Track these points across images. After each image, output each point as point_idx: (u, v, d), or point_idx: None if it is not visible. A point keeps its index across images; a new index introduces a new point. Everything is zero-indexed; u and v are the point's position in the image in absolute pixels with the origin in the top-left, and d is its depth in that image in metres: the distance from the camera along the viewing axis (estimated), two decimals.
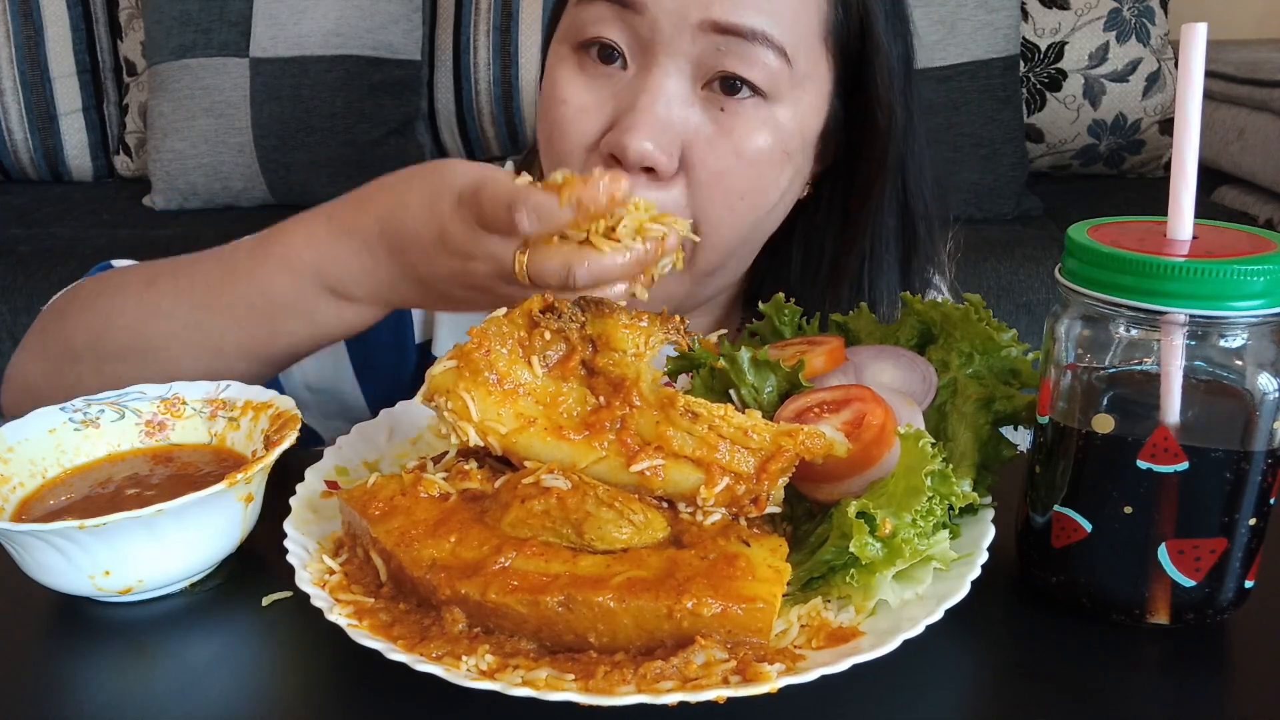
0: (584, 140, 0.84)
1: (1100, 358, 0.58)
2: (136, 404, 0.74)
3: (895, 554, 0.56)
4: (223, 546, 0.66)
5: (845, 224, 0.96)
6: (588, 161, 0.84)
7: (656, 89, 0.81)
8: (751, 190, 0.85)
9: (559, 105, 0.85)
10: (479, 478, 0.63)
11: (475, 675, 0.51)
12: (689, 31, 0.80)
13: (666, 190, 0.82)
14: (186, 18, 2.43)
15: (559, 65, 0.86)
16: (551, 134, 0.86)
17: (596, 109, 0.83)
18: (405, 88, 2.47)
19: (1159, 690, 0.57)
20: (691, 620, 0.52)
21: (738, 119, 0.82)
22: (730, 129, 0.82)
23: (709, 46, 0.80)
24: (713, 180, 0.83)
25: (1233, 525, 0.57)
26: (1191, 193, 0.56)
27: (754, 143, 0.83)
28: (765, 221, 0.90)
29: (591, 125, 0.83)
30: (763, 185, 0.86)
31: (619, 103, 0.83)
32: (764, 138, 0.83)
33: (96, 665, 0.59)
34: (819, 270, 0.97)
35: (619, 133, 0.80)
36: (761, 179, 0.85)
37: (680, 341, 0.65)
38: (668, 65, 0.81)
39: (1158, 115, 2.46)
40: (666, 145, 0.80)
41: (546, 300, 0.64)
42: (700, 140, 0.82)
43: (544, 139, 0.88)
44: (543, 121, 0.88)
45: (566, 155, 0.84)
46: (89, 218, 2.44)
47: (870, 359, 0.72)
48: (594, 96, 0.84)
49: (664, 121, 0.80)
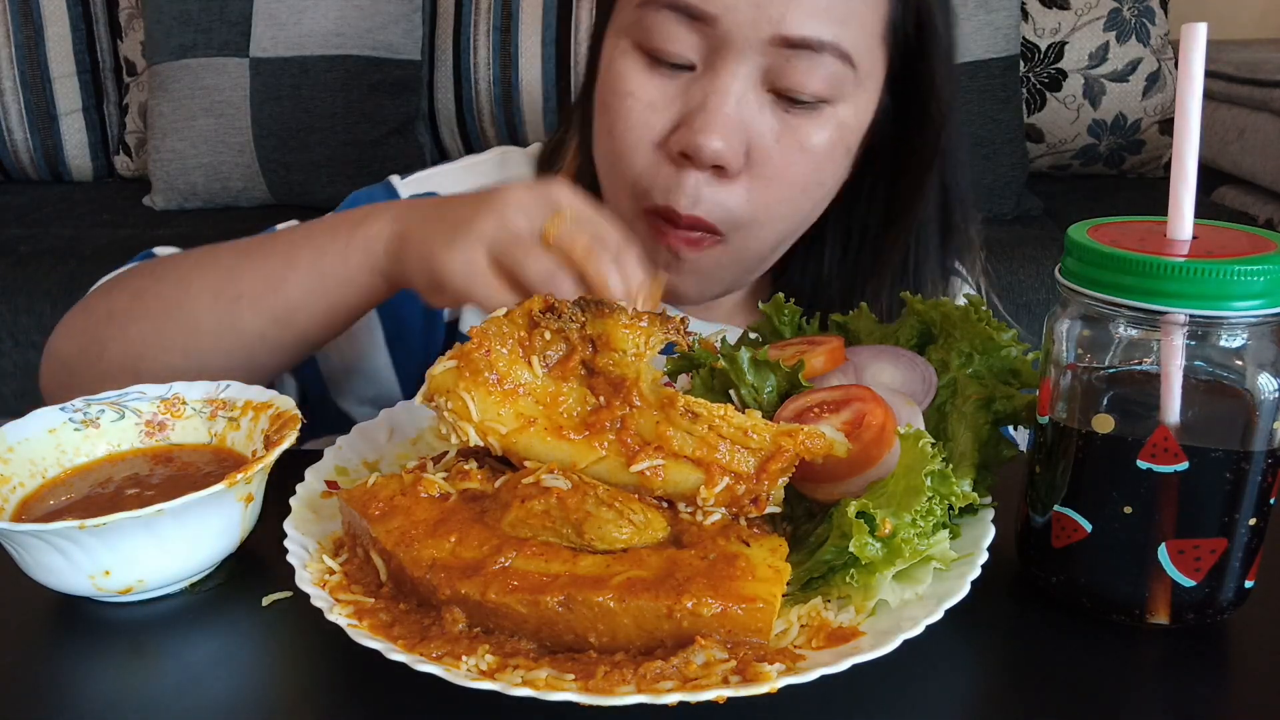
0: (651, 135, 0.85)
1: (1100, 358, 0.58)
2: (136, 404, 0.74)
3: (895, 554, 0.56)
4: (223, 546, 0.66)
5: (889, 211, 0.98)
6: (654, 158, 0.85)
7: (726, 90, 0.82)
8: (812, 184, 0.88)
9: (625, 98, 0.86)
10: (479, 478, 0.63)
11: (475, 675, 0.51)
12: (760, 44, 0.82)
13: (730, 186, 0.84)
14: (186, 18, 2.43)
15: (622, 58, 0.87)
16: (615, 126, 0.87)
17: (665, 106, 0.85)
18: (405, 88, 2.47)
19: (1159, 690, 0.57)
20: (691, 620, 0.52)
21: (803, 120, 0.85)
22: (795, 128, 0.85)
23: (779, 57, 0.82)
24: (776, 176, 0.85)
25: (1233, 525, 0.57)
26: (1191, 193, 0.56)
27: (817, 141, 0.85)
28: (816, 210, 0.92)
29: (660, 121, 0.85)
30: (822, 179, 0.89)
31: (688, 101, 0.84)
32: (827, 136, 0.86)
33: (96, 665, 0.59)
34: (859, 256, 0.99)
35: (692, 132, 0.82)
36: (822, 173, 0.88)
37: (680, 341, 0.65)
38: (736, 69, 0.82)
39: (1158, 115, 2.46)
40: (735, 145, 0.82)
41: (547, 300, 0.64)
42: (767, 139, 0.84)
43: (604, 130, 0.89)
44: (605, 114, 0.89)
45: (631, 149, 0.86)
46: (89, 218, 2.44)
47: (870, 359, 0.72)
48: (661, 93, 0.85)
49: (735, 122, 0.82)
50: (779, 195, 0.86)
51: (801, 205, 0.89)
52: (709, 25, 0.82)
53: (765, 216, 0.87)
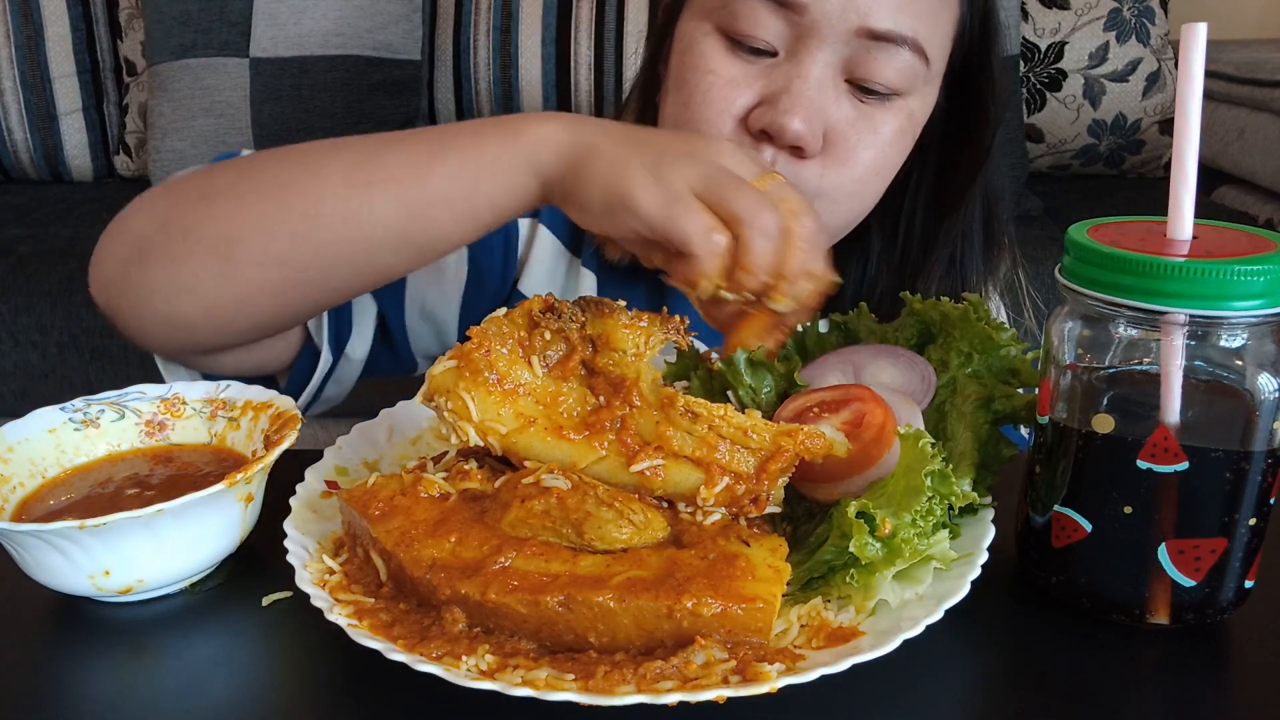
0: (732, 110, 0.87)
1: (1100, 358, 0.58)
2: (136, 404, 0.74)
3: (895, 554, 0.56)
4: (223, 546, 0.66)
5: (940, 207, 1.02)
6: (735, 131, 0.87)
7: (809, 75, 0.85)
8: (883, 169, 0.91)
9: (706, 75, 0.88)
10: (479, 478, 0.63)
11: (475, 675, 0.51)
12: (844, 34, 0.85)
13: (806, 165, 0.87)
14: (186, 18, 2.43)
15: (703, 40, 0.89)
16: (693, 100, 0.89)
17: (746, 84, 0.87)
18: (405, 88, 2.47)
19: (1159, 690, 0.57)
20: (691, 620, 0.52)
21: (876, 109, 0.88)
22: (869, 115, 0.88)
23: (860, 48, 0.85)
24: (849, 159, 0.88)
25: (1233, 525, 0.57)
26: (1191, 193, 0.56)
27: (889, 127, 0.89)
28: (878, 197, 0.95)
29: (742, 98, 0.87)
30: (891, 164, 0.92)
31: (770, 82, 0.87)
32: (897, 125, 0.90)
33: (96, 665, 0.59)
34: (908, 249, 1.03)
35: (775, 112, 0.84)
36: (889, 159, 0.91)
37: (680, 341, 0.65)
38: (819, 56, 0.85)
39: (1158, 115, 2.46)
40: (815, 128, 0.85)
41: (547, 300, 0.64)
42: (843, 124, 0.87)
43: (680, 105, 0.90)
44: (681, 90, 0.90)
45: (711, 122, 0.88)
46: (89, 218, 2.44)
47: (870, 359, 0.72)
48: (743, 72, 0.88)
49: (816, 105, 0.85)
50: (850, 176, 0.89)
51: (870, 188, 0.92)
52: (797, 14, 0.85)
53: (837, 194, 0.89)
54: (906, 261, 1.03)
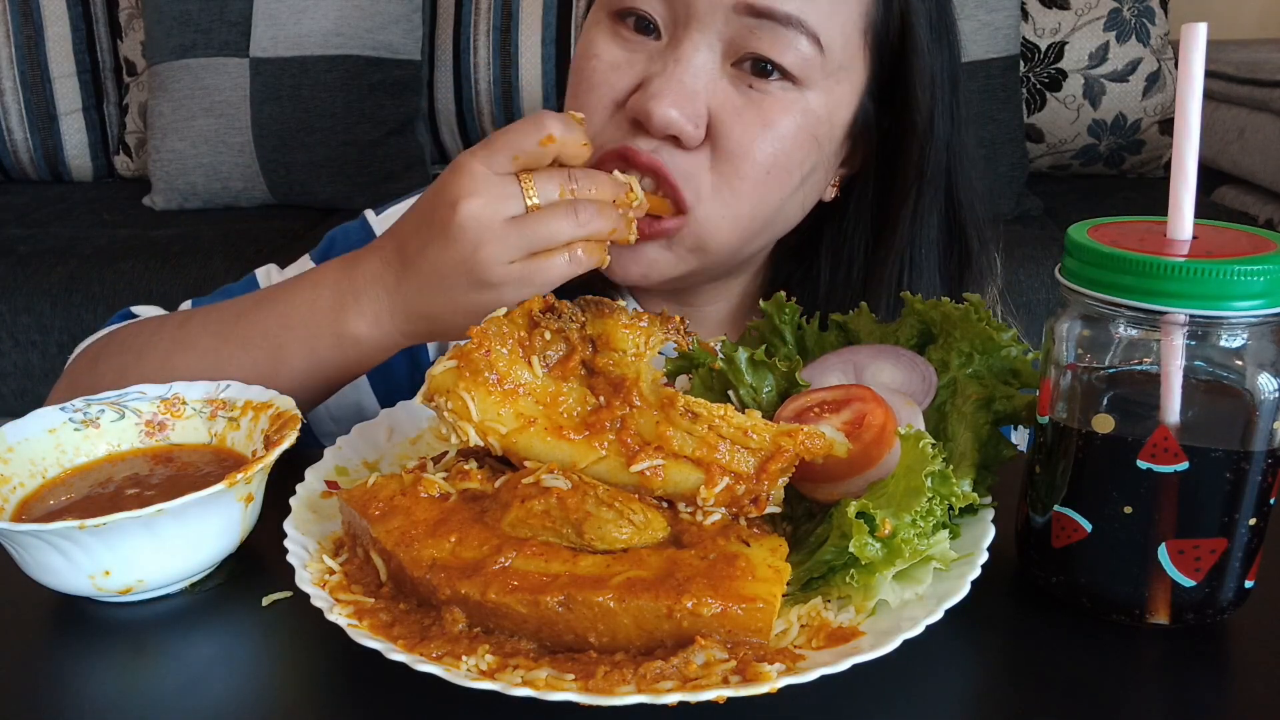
0: (611, 94, 0.85)
1: (1100, 358, 0.58)
2: (136, 404, 0.74)
3: (895, 554, 0.56)
4: (223, 546, 0.66)
5: (879, 231, 0.96)
6: (612, 118, 0.85)
7: (686, 59, 0.82)
8: (777, 166, 0.85)
9: (590, 60, 0.86)
10: (479, 478, 0.63)
11: (475, 675, 0.51)
12: (724, 11, 0.81)
13: (691, 158, 0.83)
14: (186, 18, 2.43)
15: (594, 28, 0.88)
16: (578, 88, 0.87)
17: (627, 67, 0.85)
18: (405, 88, 2.47)
19: (1159, 690, 0.57)
20: (691, 620, 0.52)
21: (767, 97, 0.83)
22: (758, 104, 0.83)
23: (743, 27, 0.81)
24: (739, 151, 0.83)
25: (1233, 525, 0.57)
26: (1191, 193, 0.56)
27: (782, 120, 0.84)
28: (787, 206, 0.90)
29: (621, 81, 0.85)
30: (789, 164, 0.86)
31: (649, 67, 0.84)
32: (793, 119, 0.84)
33: (96, 665, 0.59)
34: (850, 277, 0.97)
35: (645, 97, 0.81)
36: (788, 156, 0.85)
37: (680, 341, 0.65)
38: (699, 40, 0.82)
39: (1158, 115, 2.46)
40: (692, 114, 0.81)
41: (547, 300, 0.64)
42: (728, 111, 0.83)
43: (570, 96, 0.89)
44: (573, 78, 0.89)
45: (592, 108, 0.86)
46: (89, 218, 2.44)
47: (870, 359, 0.72)
48: (626, 56, 0.85)
49: (690, 90, 0.81)
50: (743, 171, 0.84)
51: (769, 191, 0.86)
52: None
53: (737, 189, 0.84)
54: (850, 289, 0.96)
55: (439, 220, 0.75)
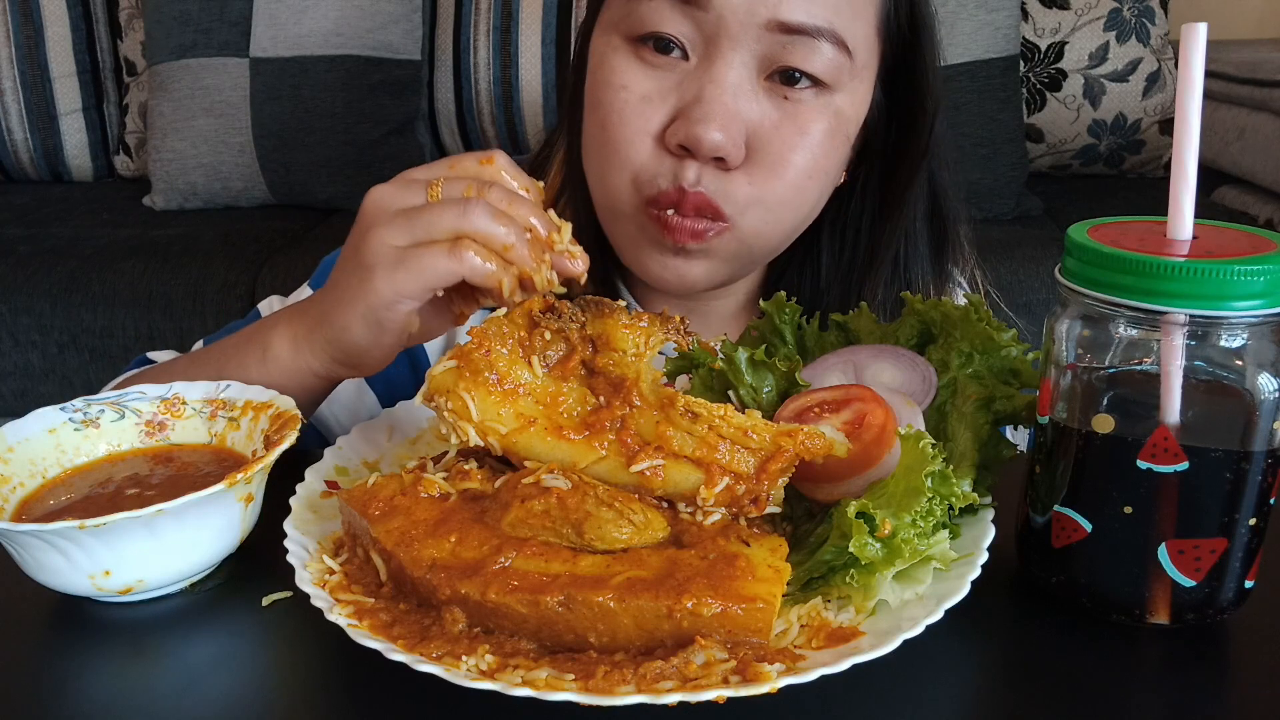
0: (648, 128, 0.84)
1: (1100, 358, 0.58)
2: (136, 404, 0.74)
3: (895, 554, 0.56)
4: (223, 546, 0.66)
5: (882, 209, 0.98)
6: (654, 151, 0.84)
7: (722, 80, 0.81)
8: (816, 171, 0.87)
9: (618, 91, 0.84)
10: (479, 478, 0.63)
11: (475, 675, 0.51)
12: (756, 29, 0.81)
13: (733, 175, 0.83)
14: (186, 18, 2.43)
15: (613, 54, 0.85)
16: (608, 121, 0.85)
17: (660, 98, 0.83)
18: (405, 88, 2.47)
19: (1159, 690, 0.57)
20: (691, 620, 0.52)
21: (800, 106, 0.84)
22: (794, 115, 0.84)
23: (775, 43, 0.81)
24: (778, 163, 0.84)
25: (1233, 525, 0.57)
26: (1191, 193, 0.56)
27: (815, 126, 0.85)
28: (821, 200, 0.92)
29: (656, 114, 0.83)
30: (824, 166, 0.88)
31: (683, 94, 0.83)
32: (825, 122, 0.85)
33: (96, 665, 0.59)
34: (855, 255, 0.99)
35: (690, 124, 0.81)
36: (822, 160, 0.87)
37: (680, 341, 0.65)
38: (732, 58, 0.81)
39: (1158, 115, 2.46)
40: (735, 135, 0.81)
41: (547, 300, 0.64)
42: (766, 127, 0.83)
43: (597, 126, 0.87)
44: (596, 110, 0.87)
45: (628, 142, 0.84)
46: (89, 218, 2.45)
47: (870, 359, 0.72)
48: (656, 85, 0.84)
49: (732, 112, 0.81)
50: (782, 181, 0.85)
51: (806, 192, 0.88)
52: (702, 10, 0.81)
53: (771, 202, 0.85)
54: (854, 268, 0.99)
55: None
